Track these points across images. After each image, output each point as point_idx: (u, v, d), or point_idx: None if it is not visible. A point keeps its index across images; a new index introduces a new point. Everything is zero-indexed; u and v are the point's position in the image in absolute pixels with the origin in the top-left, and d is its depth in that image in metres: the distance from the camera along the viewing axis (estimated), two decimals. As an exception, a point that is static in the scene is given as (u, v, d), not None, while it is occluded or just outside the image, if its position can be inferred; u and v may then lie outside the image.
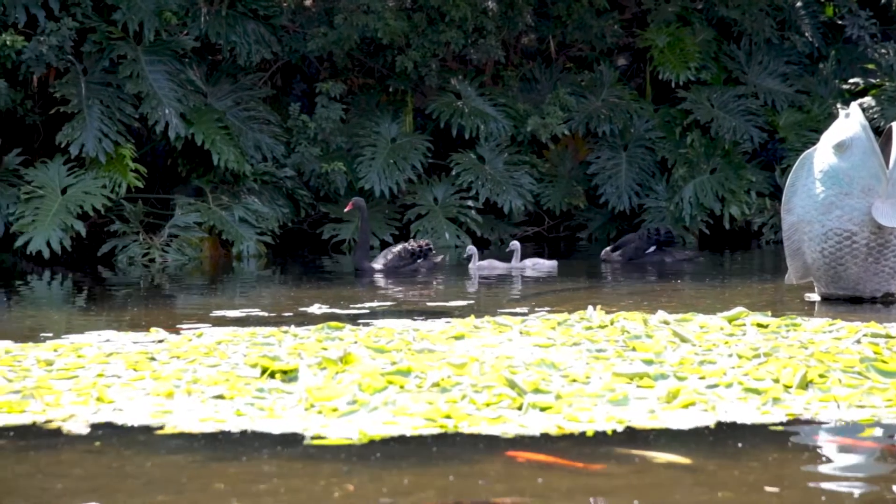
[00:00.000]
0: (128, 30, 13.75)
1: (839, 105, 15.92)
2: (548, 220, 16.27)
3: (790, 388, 5.16)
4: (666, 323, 6.63)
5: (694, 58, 16.18)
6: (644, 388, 5.16)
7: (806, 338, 6.26)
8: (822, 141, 8.59)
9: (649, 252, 12.72)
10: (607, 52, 16.92)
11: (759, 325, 6.71)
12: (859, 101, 15.66)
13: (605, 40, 16.48)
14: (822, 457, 4.31)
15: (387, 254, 12.01)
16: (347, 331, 6.64)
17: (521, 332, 6.55)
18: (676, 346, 6.02)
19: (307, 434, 4.54)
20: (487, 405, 4.88)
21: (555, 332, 6.53)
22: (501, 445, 4.40)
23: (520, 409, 4.85)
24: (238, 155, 14.07)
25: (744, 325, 6.70)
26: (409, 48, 15.49)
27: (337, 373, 5.39)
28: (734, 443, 4.44)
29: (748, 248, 15.04)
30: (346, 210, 12.98)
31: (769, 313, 7.00)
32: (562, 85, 16.24)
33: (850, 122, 8.47)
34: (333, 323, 6.86)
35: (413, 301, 9.31)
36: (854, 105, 8.68)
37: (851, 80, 16.61)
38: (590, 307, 7.18)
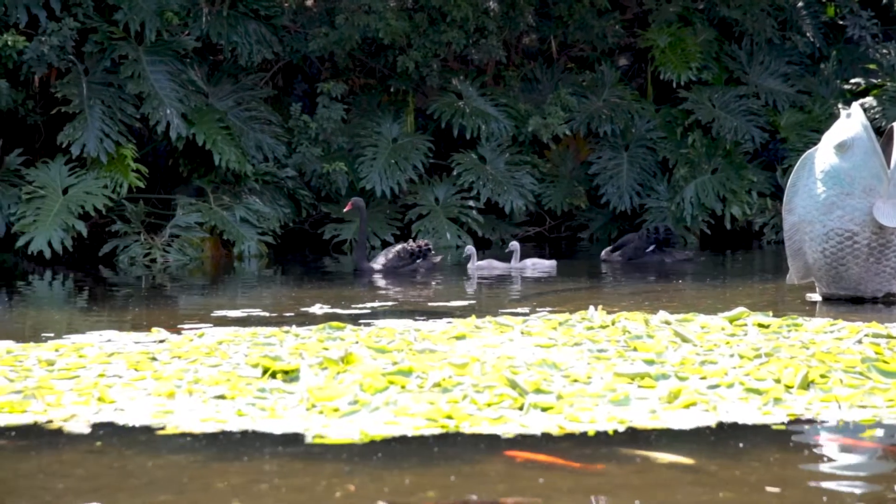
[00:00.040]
0: (129, 30, 13.75)
1: (840, 105, 15.92)
2: (549, 221, 16.26)
3: (791, 388, 5.16)
4: (667, 323, 6.63)
5: (695, 58, 16.18)
6: (645, 389, 5.16)
7: (807, 338, 6.26)
8: (824, 141, 8.59)
9: (649, 252, 12.72)
10: (608, 53, 16.92)
11: (761, 326, 6.71)
12: (860, 101, 15.67)
13: (607, 40, 16.48)
14: (824, 457, 4.31)
15: (386, 254, 12.01)
16: (349, 331, 6.64)
17: (523, 333, 6.55)
18: (678, 346, 6.02)
19: (308, 434, 4.54)
20: (489, 405, 4.88)
21: (556, 332, 6.53)
22: (502, 445, 4.40)
23: (521, 409, 4.85)
24: (239, 155, 14.07)
25: (745, 325, 6.69)
26: (411, 48, 15.49)
27: (338, 373, 5.39)
28: (735, 443, 4.44)
29: (749, 248, 15.03)
30: (345, 210, 12.99)
31: (770, 313, 6.99)
32: (563, 85, 16.24)
33: (851, 122, 8.47)
34: (335, 323, 6.86)
35: (414, 301, 9.31)
36: (855, 105, 8.68)
37: (853, 81, 16.61)
38: (591, 307, 7.18)
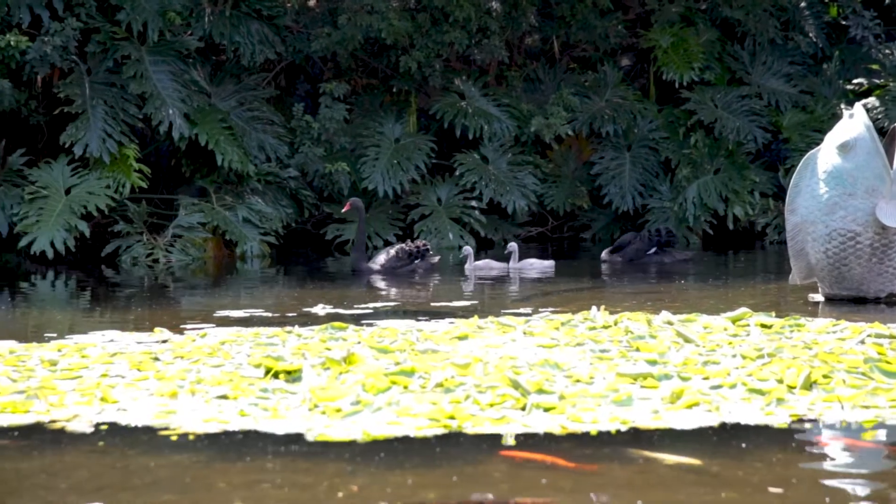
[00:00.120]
0: (132, 30, 13.76)
1: (843, 105, 15.91)
2: (551, 221, 16.26)
3: (794, 388, 5.16)
4: (670, 323, 6.63)
5: (698, 58, 16.17)
6: (648, 389, 5.15)
7: (810, 338, 6.25)
8: (826, 141, 8.58)
9: (650, 253, 12.72)
10: (611, 53, 16.92)
11: (763, 326, 6.71)
12: (863, 101, 15.68)
13: (609, 41, 16.48)
14: (826, 457, 4.31)
15: (384, 254, 11.99)
16: (351, 331, 6.64)
17: (525, 333, 6.55)
18: (680, 346, 6.01)
19: (311, 434, 4.54)
20: (491, 405, 4.88)
21: (558, 332, 6.53)
22: (505, 446, 4.40)
23: (523, 409, 4.85)
24: (242, 155, 14.07)
25: (747, 325, 6.69)
26: (413, 48, 15.49)
27: (340, 373, 5.39)
28: (738, 443, 4.43)
29: (752, 248, 15.02)
30: (343, 210, 12.97)
31: (773, 314, 6.99)
32: (565, 85, 16.23)
33: (853, 122, 8.47)
34: (337, 323, 6.86)
35: (416, 301, 9.31)
36: (858, 105, 8.68)
37: (855, 81, 16.60)
38: (594, 307, 7.17)
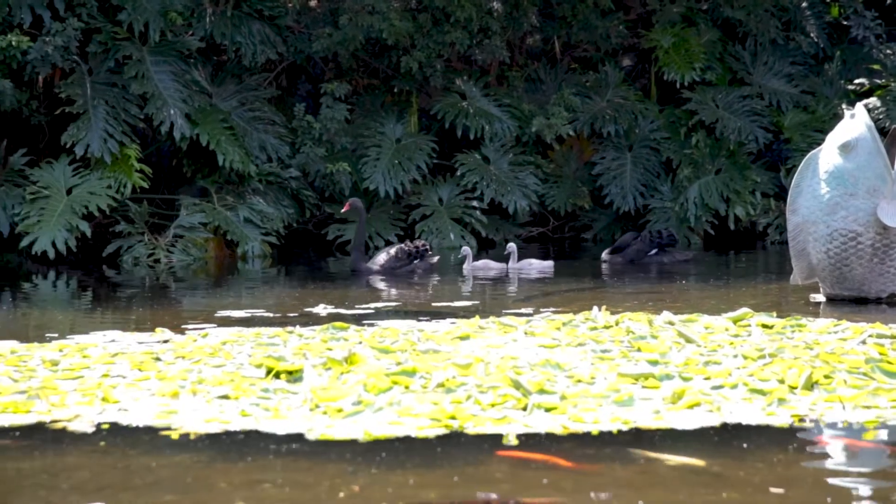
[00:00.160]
0: (133, 30, 13.77)
1: (844, 106, 15.91)
2: (553, 221, 16.25)
3: (795, 388, 5.15)
4: (671, 324, 6.63)
5: (699, 58, 16.17)
6: (649, 389, 5.15)
7: (811, 338, 6.25)
8: (828, 141, 8.58)
9: (650, 255, 12.72)
10: (612, 53, 16.92)
11: (764, 326, 6.71)
12: (864, 101, 15.68)
13: (610, 41, 16.47)
14: (828, 457, 4.31)
15: (384, 254, 11.99)
16: (352, 331, 6.64)
17: (526, 333, 6.55)
18: (681, 346, 6.01)
19: (312, 434, 4.54)
20: (492, 406, 4.88)
21: (560, 332, 6.53)
22: (502, 446, 4.40)
23: (525, 409, 4.85)
24: (243, 155, 14.07)
25: (749, 325, 6.69)
26: (414, 49, 15.48)
27: (342, 373, 5.39)
28: (739, 443, 4.43)
29: (753, 248, 15.02)
30: (342, 211, 12.96)
31: (774, 314, 6.99)
32: (567, 85, 16.23)
33: (855, 122, 8.47)
34: (338, 323, 6.86)
35: (418, 302, 9.31)
36: (859, 106, 8.67)
37: (857, 81, 16.60)
38: (595, 308, 7.17)
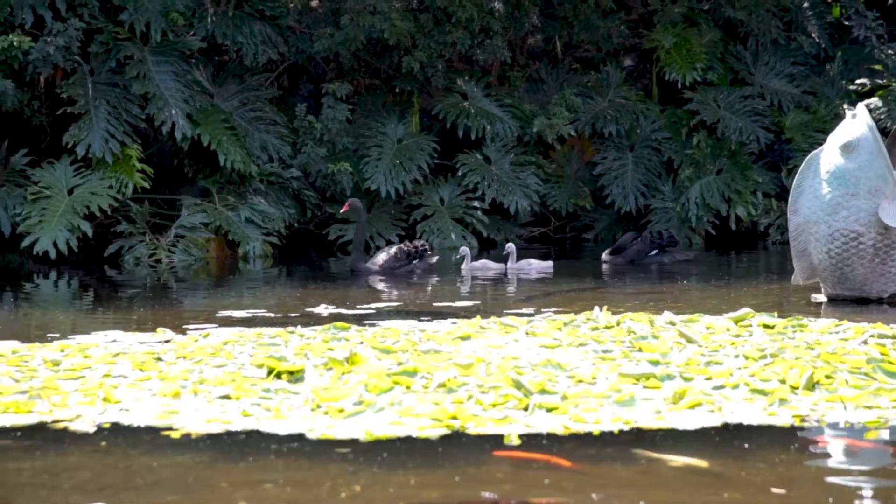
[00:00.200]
0: (134, 30, 13.77)
1: (846, 106, 15.90)
2: (554, 221, 16.25)
3: (797, 389, 5.15)
4: (672, 324, 6.63)
5: (700, 58, 16.17)
6: (650, 389, 5.15)
7: (812, 339, 6.25)
8: (829, 142, 8.58)
9: (650, 255, 12.72)
10: (613, 53, 16.92)
11: (766, 326, 6.70)
12: (866, 101, 15.68)
13: (612, 41, 16.47)
14: (829, 458, 4.31)
15: (383, 254, 11.98)
16: (353, 331, 6.64)
17: (528, 333, 6.55)
18: (683, 346, 6.01)
19: (313, 434, 4.54)
20: (494, 406, 4.88)
21: (561, 332, 6.52)
22: (499, 446, 4.40)
23: (526, 409, 4.85)
24: (244, 155, 14.07)
25: (750, 325, 6.69)
26: (416, 49, 15.49)
27: (343, 373, 5.39)
28: (741, 444, 4.43)
29: (754, 248, 15.02)
30: (342, 211, 12.95)
31: (775, 314, 6.99)
32: (568, 86, 16.23)
33: (856, 122, 8.47)
34: (339, 323, 6.86)
35: (419, 302, 9.31)
36: (861, 106, 8.67)
37: (858, 81, 16.59)
38: (596, 308, 7.17)
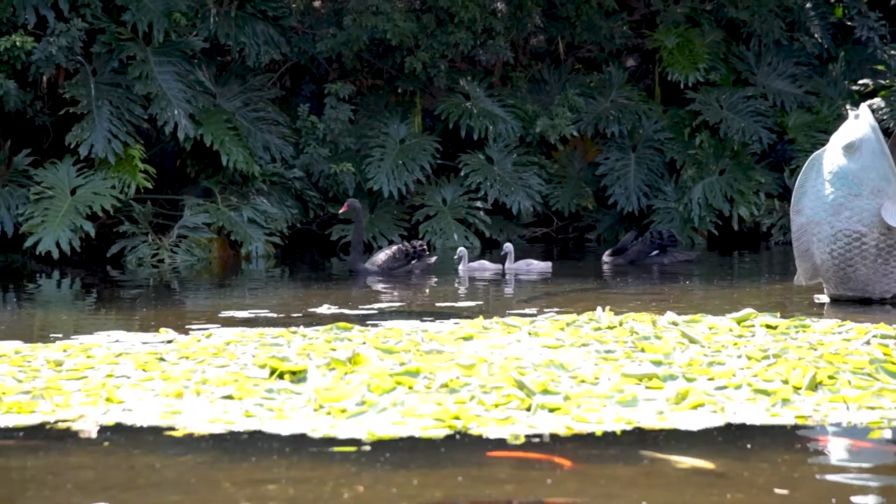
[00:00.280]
0: (137, 31, 13.77)
1: (848, 106, 15.89)
2: (556, 221, 16.24)
3: (799, 389, 5.15)
4: (675, 324, 6.62)
5: (703, 59, 16.16)
6: (653, 390, 5.15)
7: (815, 339, 6.25)
8: (832, 142, 8.57)
9: (652, 255, 12.71)
10: (616, 54, 16.91)
11: (768, 327, 6.70)
12: (869, 102, 15.62)
13: (614, 41, 16.47)
14: (832, 458, 4.31)
15: (383, 254, 11.97)
16: (356, 331, 6.64)
17: (530, 333, 6.55)
18: (685, 347, 6.01)
19: (316, 435, 4.55)
20: (496, 406, 4.88)
21: (563, 333, 6.52)
22: (503, 446, 4.41)
23: (529, 410, 4.85)
24: (247, 156, 14.08)
25: (753, 326, 6.69)
26: (418, 49, 15.49)
27: (346, 374, 5.39)
28: (743, 444, 4.43)
29: (757, 249, 15.01)
30: (341, 211, 12.93)
31: (778, 314, 6.99)
32: (570, 86, 16.22)
33: (859, 123, 8.46)
34: (342, 324, 6.86)
35: (421, 302, 9.32)
36: (863, 106, 8.67)
37: (861, 82, 16.58)
38: (599, 308, 7.17)
